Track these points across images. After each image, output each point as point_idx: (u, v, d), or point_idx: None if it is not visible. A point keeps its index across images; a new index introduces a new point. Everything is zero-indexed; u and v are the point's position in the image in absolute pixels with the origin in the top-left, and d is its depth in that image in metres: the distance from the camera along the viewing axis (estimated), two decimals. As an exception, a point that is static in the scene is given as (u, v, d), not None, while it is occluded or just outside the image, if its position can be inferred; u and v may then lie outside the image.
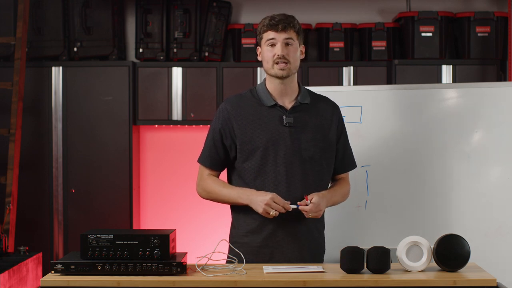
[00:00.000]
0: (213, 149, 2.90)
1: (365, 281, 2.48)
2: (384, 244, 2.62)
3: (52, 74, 5.15)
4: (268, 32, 2.85)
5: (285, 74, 2.84)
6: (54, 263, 2.50)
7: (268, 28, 2.85)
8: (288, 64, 2.83)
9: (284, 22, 2.84)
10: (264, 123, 2.85)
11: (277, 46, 2.83)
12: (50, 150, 5.14)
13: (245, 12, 5.53)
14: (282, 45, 2.83)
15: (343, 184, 3.00)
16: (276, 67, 2.84)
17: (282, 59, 2.82)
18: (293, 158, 2.83)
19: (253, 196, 2.78)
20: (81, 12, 5.21)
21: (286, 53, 2.83)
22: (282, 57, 2.82)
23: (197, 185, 2.95)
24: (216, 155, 2.90)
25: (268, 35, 2.85)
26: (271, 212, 2.73)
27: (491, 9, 5.43)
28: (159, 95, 5.19)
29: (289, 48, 2.84)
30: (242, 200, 2.82)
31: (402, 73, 5.10)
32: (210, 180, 2.91)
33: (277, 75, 2.85)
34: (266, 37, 2.86)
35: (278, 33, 2.83)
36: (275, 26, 2.83)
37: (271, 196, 2.74)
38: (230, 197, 2.85)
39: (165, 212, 5.43)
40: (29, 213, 5.09)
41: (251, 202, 2.78)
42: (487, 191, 3.47)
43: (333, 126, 2.92)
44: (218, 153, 2.89)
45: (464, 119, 3.52)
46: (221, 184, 2.89)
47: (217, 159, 2.91)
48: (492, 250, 3.43)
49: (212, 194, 2.90)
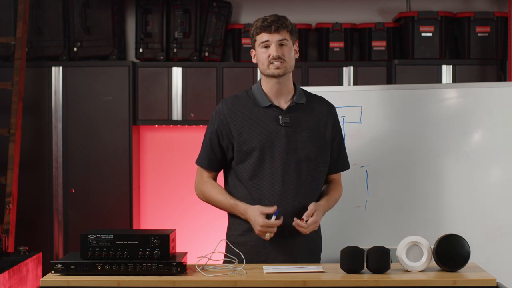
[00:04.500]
0: (211, 150, 2.91)
1: (365, 281, 2.48)
2: (384, 244, 2.62)
3: (52, 74, 5.15)
4: (261, 34, 2.85)
5: (281, 72, 2.85)
6: (54, 263, 2.50)
7: (261, 30, 2.85)
8: (283, 63, 2.84)
9: (276, 23, 2.84)
10: (260, 124, 2.85)
11: (271, 47, 2.84)
12: (50, 150, 5.14)
13: (245, 12, 5.53)
14: (276, 46, 2.83)
15: (336, 187, 3.00)
16: (272, 67, 2.84)
17: (278, 59, 2.83)
18: (289, 158, 2.84)
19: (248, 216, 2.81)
20: (81, 12, 5.21)
21: (281, 53, 2.83)
22: (277, 57, 2.82)
23: (196, 187, 2.98)
24: (214, 156, 2.91)
25: (261, 37, 2.85)
26: (265, 236, 2.77)
27: (491, 9, 5.43)
28: (159, 95, 5.19)
29: (283, 48, 2.84)
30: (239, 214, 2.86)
31: (402, 73, 5.10)
32: (209, 185, 2.93)
33: (274, 74, 2.85)
34: (259, 40, 2.86)
35: (272, 35, 2.83)
36: (268, 27, 2.83)
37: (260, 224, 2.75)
38: (226, 208, 2.90)
39: (165, 212, 5.43)
40: (29, 213, 5.09)
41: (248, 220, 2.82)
42: (487, 191, 3.47)
43: (328, 126, 2.93)
44: (215, 154, 2.90)
45: (464, 119, 3.52)
46: (218, 192, 2.91)
47: (215, 160, 2.92)
48: (492, 250, 3.43)
49: (210, 200, 2.94)
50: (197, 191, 2.98)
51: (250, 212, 2.80)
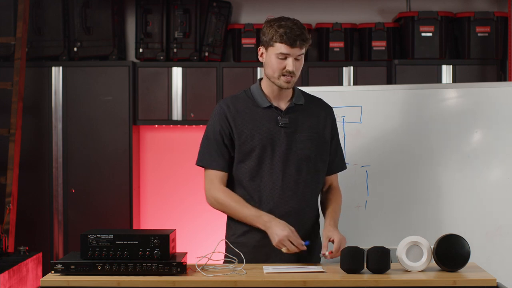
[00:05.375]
0: (218, 151, 2.85)
1: (365, 281, 2.48)
2: (384, 244, 2.62)
3: (52, 74, 5.15)
4: (282, 44, 2.76)
5: (290, 86, 2.84)
6: (54, 263, 2.50)
7: (283, 41, 2.75)
8: (293, 78, 2.82)
9: (301, 38, 2.76)
10: (260, 124, 2.85)
11: (288, 61, 2.78)
12: (50, 150, 5.14)
13: (245, 12, 5.53)
14: (293, 61, 2.78)
15: (337, 197, 2.98)
16: (283, 79, 2.81)
17: (291, 74, 2.81)
18: (289, 158, 2.83)
19: (271, 225, 2.74)
20: (81, 12, 5.21)
21: (296, 68, 2.80)
22: (292, 72, 2.80)
23: (208, 194, 2.87)
24: (222, 156, 2.86)
25: (281, 48, 2.76)
26: (283, 249, 2.72)
27: (491, 9, 5.43)
28: (159, 95, 5.19)
29: (297, 63, 2.80)
30: (258, 225, 2.77)
31: (402, 73, 5.10)
32: (224, 193, 2.83)
33: (282, 87, 2.83)
34: (279, 49, 2.77)
35: (293, 49, 2.77)
36: (292, 42, 2.75)
37: (286, 234, 2.70)
38: (246, 217, 2.79)
39: (165, 212, 5.43)
40: (29, 213, 5.09)
41: (267, 230, 2.75)
42: (487, 191, 3.48)
43: (327, 126, 2.93)
44: (223, 154, 2.86)
45: (464, 119, 3.52)
46: (236, 200, 2.81)
47: (223, 160, 2.86)
48: (492, 250, 3.43)
49: (227, 209, 2.84)
50: (209, 199, 2.86)
51: (277, 224, 2.73)
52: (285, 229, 2.71)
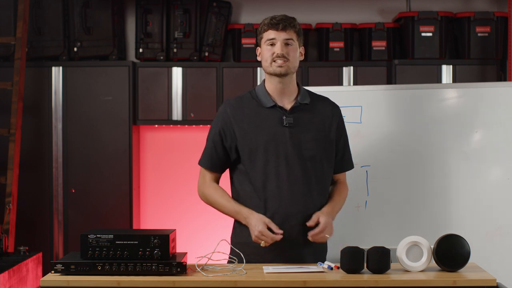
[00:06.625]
0: (214, 151, 2.90)
1: (365, 281, 2.48)
2: (384, 244, 2.62)
3: (52, 74, 5.15)
4: (268, 31, 2.85)
5: (283, 71, 2.84)
6: (54, 263, 2.50)
7: (268, 27, 2.85)
8: (287, 62, 2.83)
9: (284, 21, 2.84)
10: (264, 124, 2.85)
11: (276, 45, 2.83)
12: (50, 150, 5.14)
13: (245, 12, 5.53)
14: (281, 45, 2.83)
15: (340, 189, 2.99)
16: (275, 64, 2.84)
17: (281, 58, 2.82)
18: (294, 158, 2.83)
19: (249, 221, 2.81)
20: (81, 12, 5.21)
21: (286, 52, 2.83)
22: (281, 55, 2.82)
23: (199, 189, 2.97)
24: (216, 157, 2.90)
25: (268, 35, 2.85)
26: (261, 243, 2.76)
27: (491, 9, 5.43)
28: (159, 95, 5.19)
29: (288, 48, 2.84)
30: (240, 220, 2.86)
31: (402, 73, 5.10)
32: (212, 188, 2.92)
33: (276, 72, 2.85)
34: (266, 37, 2.86)
35: (278, 32, 2.83)
36: (275, 25, 2.83)
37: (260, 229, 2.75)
38: (229, 212, 2.89)
39: (165, 212, 5.43)
40: (29, 213, 5.09)
41: (247, 225, 2.82)
42: (487, 191, 3.47)
43: (333, 126, 2.93)
44: (218, 155, 2.90)
45: (464, 119, 3.52)
46: (221, 195, 2.90)
47: (217, 161, 2.91)
48: (492, 250, 3.43)
49: (212, 203, 2.93)
50: (199, 193, 2.97)
51: (252, 218, 2.79)
52: (259, 224, 2.76)
